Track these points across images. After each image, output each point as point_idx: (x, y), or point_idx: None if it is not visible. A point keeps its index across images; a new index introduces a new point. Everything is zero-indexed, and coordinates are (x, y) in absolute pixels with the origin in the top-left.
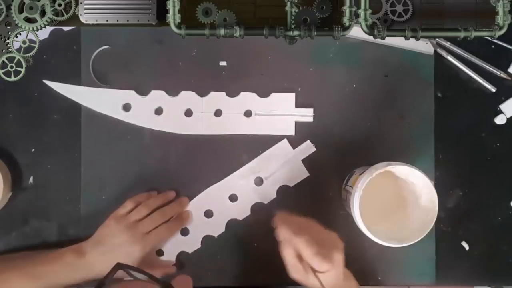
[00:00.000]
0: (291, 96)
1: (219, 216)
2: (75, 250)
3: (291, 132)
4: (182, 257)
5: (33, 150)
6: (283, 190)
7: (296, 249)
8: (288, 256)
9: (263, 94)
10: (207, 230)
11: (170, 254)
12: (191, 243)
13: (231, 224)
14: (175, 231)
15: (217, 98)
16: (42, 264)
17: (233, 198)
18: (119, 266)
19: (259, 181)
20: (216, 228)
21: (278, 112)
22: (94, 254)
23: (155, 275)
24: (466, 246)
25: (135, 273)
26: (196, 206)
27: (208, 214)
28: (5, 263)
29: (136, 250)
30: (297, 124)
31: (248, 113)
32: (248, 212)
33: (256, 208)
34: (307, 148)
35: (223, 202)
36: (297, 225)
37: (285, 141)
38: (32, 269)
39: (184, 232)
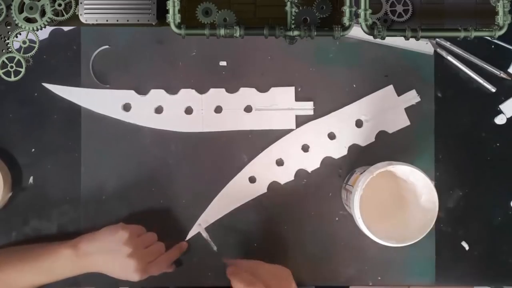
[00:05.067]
0: (291, 90)
1: (316, 152)
2: (71, 245)
3: (292, 125)
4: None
5: (33, 150)
6: (280, 189)
7: None
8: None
9: (263, 89)
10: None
11: None
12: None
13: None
14: (168, 267)
15: (216, 94)
16: (38, 259)
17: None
18: None
19: (360, 123)
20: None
21: (278, 107)
22: (90, 249)
23: (172, 256)
24: (466, 246)
25: None
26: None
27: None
28: (2, 257)
29: (134, 275)
30: (298, 117)
31: (248, 109)
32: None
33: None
34: (412, 97)
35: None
36: (247, 269)
37: (391, 87)
38: (29, 264)
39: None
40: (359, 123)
